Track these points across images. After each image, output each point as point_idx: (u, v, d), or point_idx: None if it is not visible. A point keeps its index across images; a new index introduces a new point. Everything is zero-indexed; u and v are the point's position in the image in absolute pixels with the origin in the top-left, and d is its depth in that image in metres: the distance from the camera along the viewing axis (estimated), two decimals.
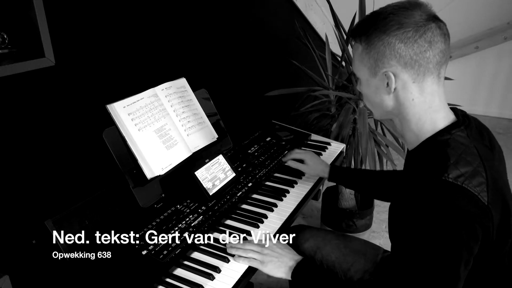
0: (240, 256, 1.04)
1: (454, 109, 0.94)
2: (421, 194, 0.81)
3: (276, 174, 1.46)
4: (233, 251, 1.05)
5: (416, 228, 0.80)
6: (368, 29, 0.88)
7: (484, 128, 0.98)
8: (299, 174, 1.45)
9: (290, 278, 1.02)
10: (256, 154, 1.54)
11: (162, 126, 1.27)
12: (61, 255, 0.97)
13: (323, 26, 2.97)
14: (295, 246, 1.32)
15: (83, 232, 1.02)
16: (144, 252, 1.01)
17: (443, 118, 0.90)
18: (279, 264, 1.03)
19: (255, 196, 1.33)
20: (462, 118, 0.91)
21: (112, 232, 1.06)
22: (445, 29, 0.85)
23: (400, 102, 0.90)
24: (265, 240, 1.08)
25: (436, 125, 0.90)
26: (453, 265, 0.79)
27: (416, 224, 0.80)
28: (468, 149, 0.85)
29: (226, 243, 1.08)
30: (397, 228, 0.90)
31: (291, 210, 1.26)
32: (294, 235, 1.33)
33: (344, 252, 1.26)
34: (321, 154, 1.60)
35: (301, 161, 1.45)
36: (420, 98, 0.88)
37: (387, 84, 0.88)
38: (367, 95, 0.96)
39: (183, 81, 1.42)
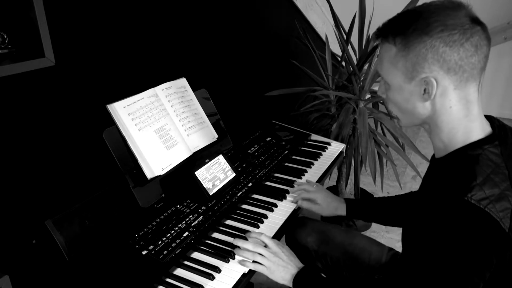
0: (246, 261, 1.03)
1: (491, 119, 0.88)
2: (441, 211, 0.77)
3: (276, 174, 1.46)
4: (239, 253, 1.04)
5: (430, 244, 0.77)
6: (407, 29, 0.79)
7: None
8: (299, 174, 1.45)
9: (291, 286, 1.02)
10: (256, 154, 1.54)
11: (162, 126, 1.27)
12: (61, 255, 0.97)
13: (323, 26, 2.97)
14: (297, 239, 1.31)
15: (83, 232, 1.02)
16: (144, 252, 1.01)
17: (477, 129, 0.83)
18: (285, 273, 1.02)
19: (255, 196, 1.33)
20: (498, 131, 0.85)
21: (113, 232, 1.06)
22: (488, 33, 0.79)
23: (436, 110, 0.83)
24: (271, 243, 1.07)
25: (468, 136, 0.83)
26: (461, 287, 0.76)
27: (431, 240, 0.77)
28: (498, 168, 0.78)
29: (230, 244, 1.08)
30: (411, 238, 0.88)
31: (291, 210, 1.26)
32: (296, 227, 1.33)
33: (349, 249, 1.25)
34: (321, 154, 1.60)
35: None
36: (458, 105, 0.81)
37: (424, 90, 0.81)
38: (397, 101, 0.87)
39: (183, 81, 1.42)
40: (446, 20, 0.76)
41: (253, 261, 1.03)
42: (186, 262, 1.03)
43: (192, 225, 1.12)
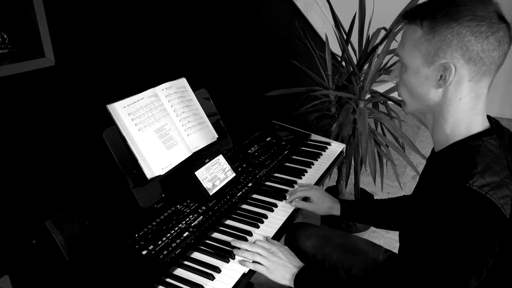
0: (245, 261, 1.03)
1: (488, 117, 0.90)
2: (442, 198, 0.77)
3: (276, 174, 1.46)
4: (239, 253, 1.04)
5: (431, 232, 0.78)
6: (437, 13, 0.79)
7: None
8: (299, 174, 1.45)
9: (292, 285, 1.02)
10: (256, 154, 1.54)
11: (162, 126, 1.27)
12: (61, 255, 0.97)
13: (323, 26, 2.97)
14: (296, 244, 1.32)
15: (83, 232, 1.02)
16: (144, 252, 1.01)
17: (478, 123, 0.85)
18: (284, 273, 1.02)
19: (255, 196, 1.33)
20: (495, 127, 0.87)
21: (113, 232, 1.06)
22: (511, 32, 0.81)
23: (446, 99, 0.84)
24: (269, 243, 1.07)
25: (470, 129, 0.85)
26: (464, 275, 0.76)
27: (432, 228, 0.77)
28: (497, 158, 0.80)
29: (230, 244, 1.08)
30: (410, 230, 0.88)
31: (291, 210, 1.26)
32: (295, 232, 1.34)
33: (346, 250, 1.25)
34: (321, 154, 1.60)
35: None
36: (467, 98, 0.82)
37: (441, 76, 0.82)
38: (411, 84, 0.87)
39: (183, 81, 1.42)
40: (476, 11, 0.77)
41: (253, 261, 1.03)
42: (186, 262, 1.03)
43: (192, 225, 1.12)
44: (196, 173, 1.22)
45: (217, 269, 1.00)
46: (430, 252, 0.78)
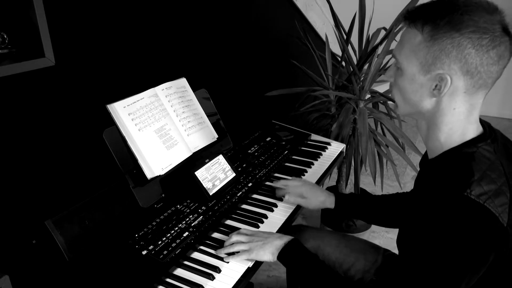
0: (229, 255, 1.02)
1: (480, 120, 0.88)
2: (440, 207, 0.77)
3: (276, 174, 1.46)
4: (221, 253, 1.04)
5: (428, 241, 0.77)
6: (440, 19, 0.76)
7: (508, 141, 0.92)
8: (299, 174, 1.45)
9: (276, 259, 0.99)
10: (256, 154, 1.54)
11: (162, 126, 1.27)
12: (61, 255, 0.97)
13: (323, 26, 2.97)
14: None
15: (83, 232, 1.02)
16: (144, 252, 1.01)
17: (473, 130, 0.84)
18: (265, 246, 1.00)
19: (255, 196, 1.33)
20: (488, 131, 0.86)
21: (113, 232, 1.06)
22: None
23: (440, 108, 0.82)
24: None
25: (464, 136, 0.84)
26: (454, 282, 0.76)
27: (430, 236, 0.77)
28: (493, 165, 0.79)
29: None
30: (408, 238, 0.88)
31: (291, 210, 1.26)
32: (293, 235, 1.34)
33: (345, 252, 1.25)
34: (321, 154, 1.60)
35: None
36: (462, 108, 0.81)
37: (436, 86, 0.80)
38: (405, 89, 0.85)
39: (183, 81, 1.42)
40: (480, 22, 0.74)
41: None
42: (186, 262, 1.03)
43: (192, 225, 1.12)
44: (196, 173, 1.22)
45: (217, 269, 1.00)
46: (426, 259, 0.78)
